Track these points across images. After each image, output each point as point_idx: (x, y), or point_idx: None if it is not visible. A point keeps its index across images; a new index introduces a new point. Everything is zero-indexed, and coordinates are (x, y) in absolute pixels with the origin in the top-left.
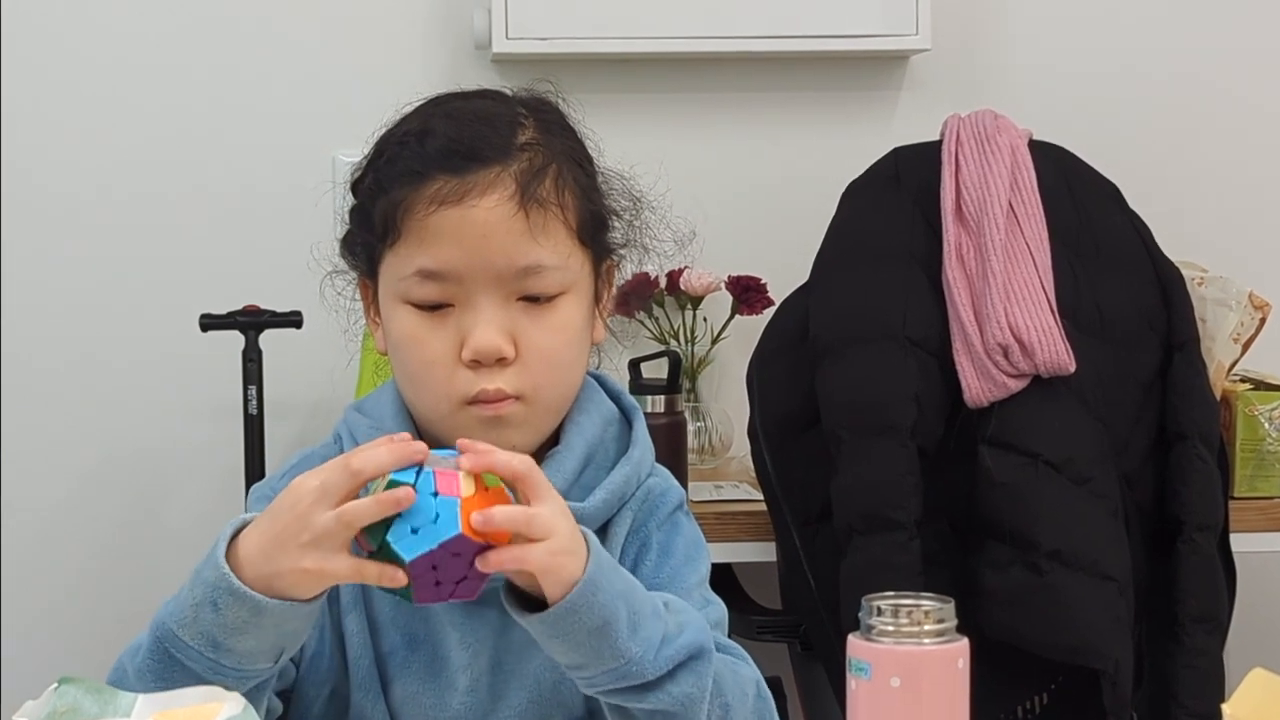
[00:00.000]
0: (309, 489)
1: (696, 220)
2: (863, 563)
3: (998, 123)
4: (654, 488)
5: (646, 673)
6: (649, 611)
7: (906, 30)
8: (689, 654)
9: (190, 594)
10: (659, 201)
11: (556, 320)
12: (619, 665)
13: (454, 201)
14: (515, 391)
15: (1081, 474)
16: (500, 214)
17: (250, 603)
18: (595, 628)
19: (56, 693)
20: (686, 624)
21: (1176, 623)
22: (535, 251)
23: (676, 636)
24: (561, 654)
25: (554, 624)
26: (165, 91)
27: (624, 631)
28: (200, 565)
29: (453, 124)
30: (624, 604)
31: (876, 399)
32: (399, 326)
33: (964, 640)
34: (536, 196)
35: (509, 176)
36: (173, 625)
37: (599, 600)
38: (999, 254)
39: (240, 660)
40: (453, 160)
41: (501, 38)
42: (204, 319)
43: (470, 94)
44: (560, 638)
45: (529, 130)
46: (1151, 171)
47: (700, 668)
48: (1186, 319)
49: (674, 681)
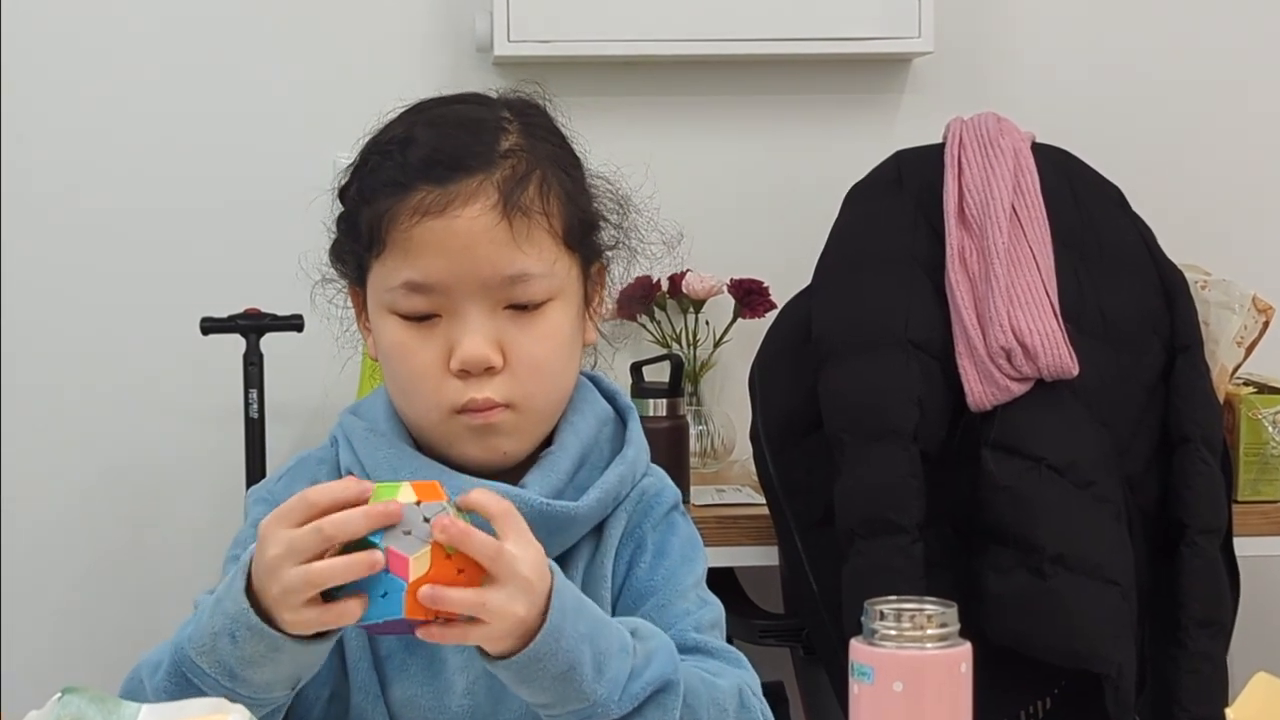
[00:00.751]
0: (279, 543)
1: (698, 223)
2: (865, 566)
3: (1000, 125)
4: (649, 488)
5: (611, 712)
6: (615, 649)
7: (909, 33)
8: (656, 688)
9: (210, 622)
10: (647, 203)
11: (544, 327)
12: (584, 707)
13: (436, 212)
14: (505, 400)
15: (1084, 478)
16: (483, 224)
17: (268, 640)
18: (560, 673)
19: (60, 702)
20: (654, 653)
21: (1180, 627)
22: (520, 260)
23: (644, 670)
24: (529, 696)
25: (518, 671)
26: (165, 95)
27: (589, 674)
28: (221, 593)
29: (435, 132)
30: (589, 647)
31: (879, 402)
32: (387, 337)
33: (967, 644)
34: (520, 204)
35: (491, 185)
36: (191, 651)
37: (562, 647)
38: (1002, 257)
39: (256, 690)
40: (435, 170)
41: (503, 40)
42: (205, 322)
43: (453, 99)
44: (526, 684)
45: (512, 136)
46: (1155, 174)
47: (667, 700)
48: (1190, 322)
49: (640, 717)
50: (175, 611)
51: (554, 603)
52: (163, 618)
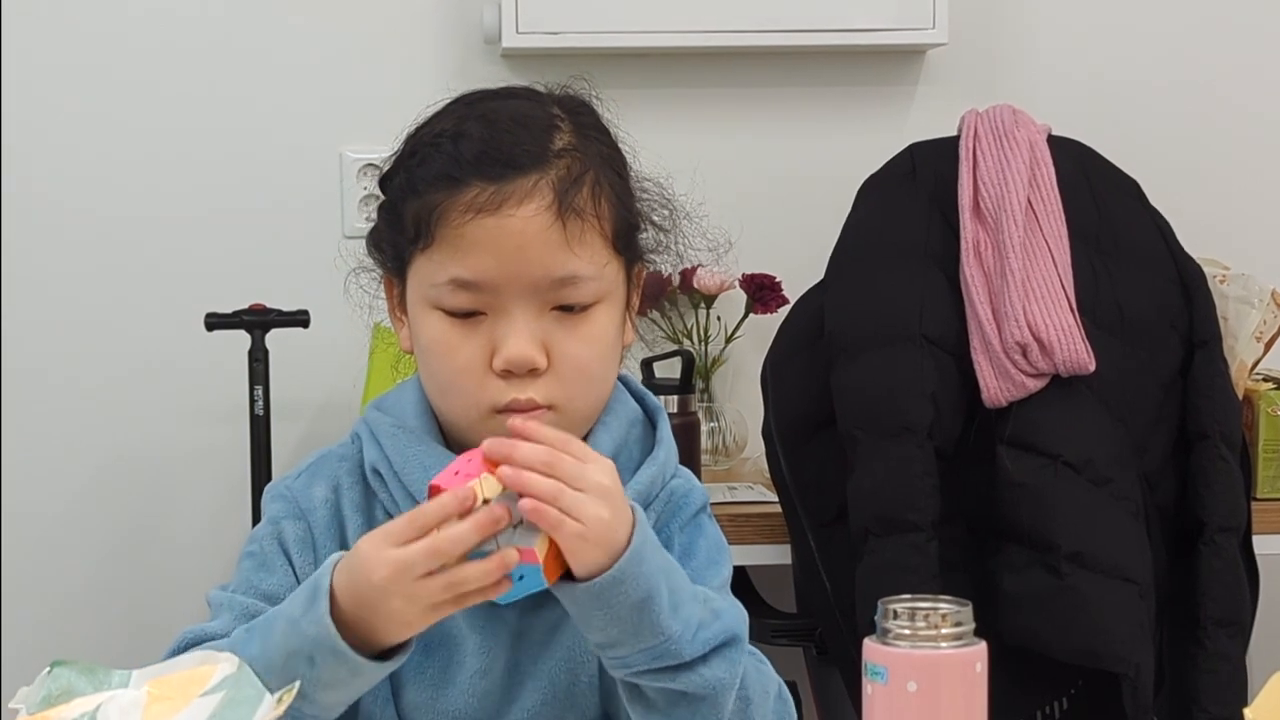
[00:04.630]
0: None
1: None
2: (879, 565)
3: (1016, 118)
4: (677, 489)
5: (684, 652)
6: (688, 593)
7: (923, 24)
8: (724, 639)
9: (284, 642)
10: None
11: (590, 330)
12: (658, 643)
13: (491, 210)
14: (547, 402)
15: (1101, 475)
16: (538, 224)
17: (350, 664)
18: (638, 601)
19: (50, 676)
20: (722, 611)
21: (1198, 626)
22: (572, 262)
23: (713, 621)
24: (599, 629)
25: (598, 594)
26: (171, 88)
27: (665, 608)
28: (297, 615)
29: (488, 127)
30: (665, 581)
31: (893, 399)
32: (429, 332)
33: (982, 644)
34: (574, 206)
35: (546, 185)
36: (259, 668)
37: (644, 572)
38: (1017, 251)
39: (322, 710)
40: (489, 167)
41: (511, 32)
42: (209, 318)
43: (503, 92)
44: (602, 609)
45: (565, 135)
46: (1173, 167)
47: (733, 655)
48: (1208, 317)
49: (707, 665)
50: (180, 607)
51: (637, 531)
52: (168, 613)
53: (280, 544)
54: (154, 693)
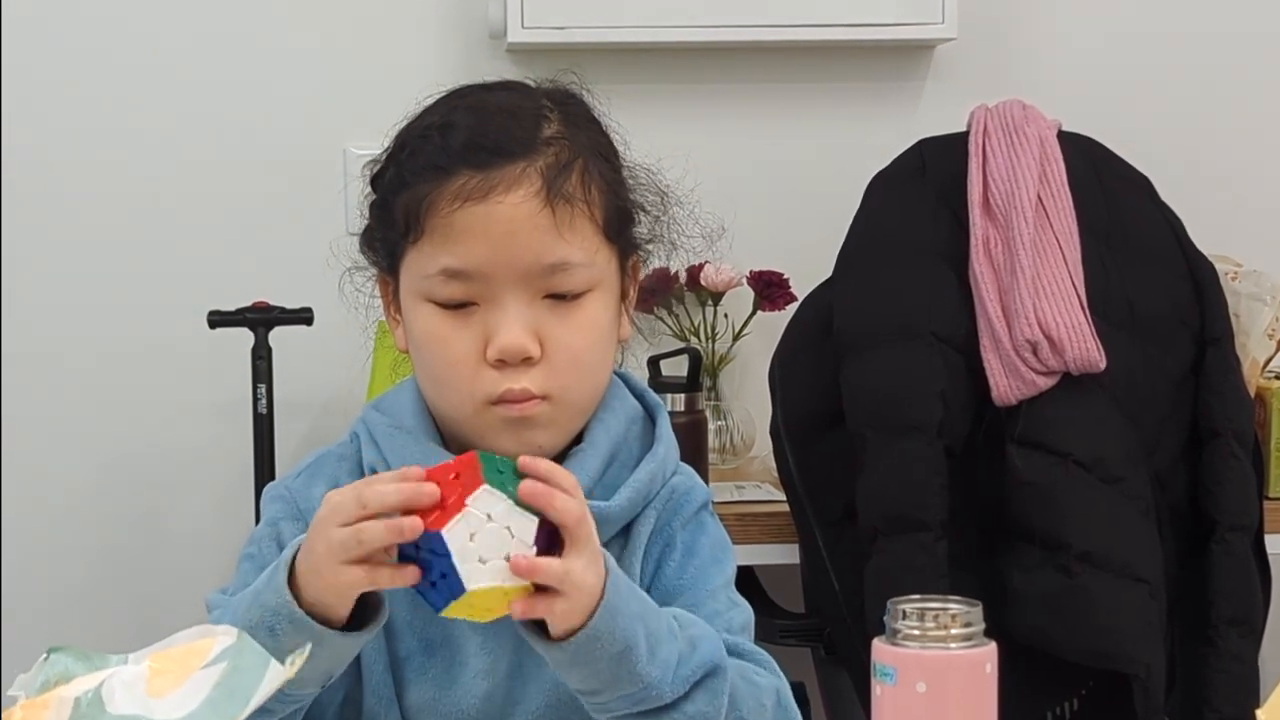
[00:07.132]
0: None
1: (715, 212)
2: (888, 565)
3: (1026, 113)
4: (678, 486)
5: (664, 695)
6: (665, 632)
7: (932, 19)
8: (705, 672)
9: (247, 614)
10: (687, 196)
11: (583, 318)
12: (637, 690)
13: (479, 198)
14: (542, 392)
15: (1112, 473)
16: (526, 210)
17: (310, 631)
18: (616, 654)
19: (47, 662)
20: (699, 639)
21: (1209, 625)
22: (562, 248)
23: (691, 655)
24: (579, 681)
25: (576, 651)
26: (173, 84)
27: (643, 655)
28: (260, 586)
29: (476, 117)
30: (642, 627)
31: (902, 397)
32: (421, 325)
33: (992, 644)
34: (563, 192)
35: (534, 172)
36: None
37: (619, 625)
38: (1027, 248)
39: (289, 685)
40: (477, 155)
41: (517, 27)
42: (212, 316)
43: (493, 85)
44: (580, 665)
45: (554, 124)
46: (1184, 163)
47: (715, 685)
48: (1220, 314)
49: (690, 701)
50: (182, 606)
51: (609, 583)
52: (169, 612)
53: (279, 545)
54: (155, 667)
